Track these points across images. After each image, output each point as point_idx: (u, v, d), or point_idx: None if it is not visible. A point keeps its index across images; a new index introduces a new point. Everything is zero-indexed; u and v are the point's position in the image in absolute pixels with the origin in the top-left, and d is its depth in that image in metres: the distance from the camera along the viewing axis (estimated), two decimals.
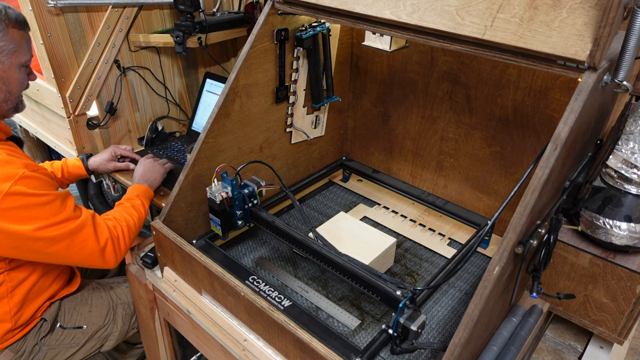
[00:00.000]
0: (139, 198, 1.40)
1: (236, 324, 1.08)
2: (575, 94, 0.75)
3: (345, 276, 1.04)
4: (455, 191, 1.44)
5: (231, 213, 1.18)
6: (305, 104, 1.42)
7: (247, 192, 1.17)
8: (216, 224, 1.19)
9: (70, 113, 1.67)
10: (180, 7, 1.67)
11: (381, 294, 0.97)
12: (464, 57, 1.24)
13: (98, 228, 1.23)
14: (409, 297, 0.90)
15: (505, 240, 0.77)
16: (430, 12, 0.87)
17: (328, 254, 1.05)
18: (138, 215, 1.34)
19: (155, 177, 1.55)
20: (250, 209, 1.20)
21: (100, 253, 1.22)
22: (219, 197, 1.13)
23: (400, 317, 0.89)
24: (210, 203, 1.16)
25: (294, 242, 1.13)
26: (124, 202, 1.39)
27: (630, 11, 0.70)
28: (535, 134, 1.20)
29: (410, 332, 0.88)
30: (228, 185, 1.14)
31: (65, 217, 1.16)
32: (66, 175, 1.60)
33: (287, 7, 1.13)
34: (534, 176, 0.76)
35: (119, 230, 1.27)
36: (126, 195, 1.43)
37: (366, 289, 0.99)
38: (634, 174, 1.08)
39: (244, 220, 1.21)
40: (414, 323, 0.88)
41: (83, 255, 1.21)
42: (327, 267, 1.07)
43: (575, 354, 1.27)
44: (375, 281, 0.97)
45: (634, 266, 1.10)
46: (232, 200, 1.16)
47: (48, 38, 1.52)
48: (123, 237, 1.27)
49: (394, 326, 0.91)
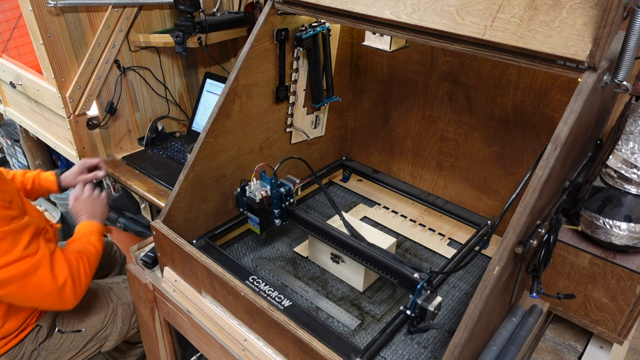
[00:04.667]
0: (93, 235, 1.35)
1: (236, 324, 1.08)
2: (575, 94, 0.75)
3: (368, 263, 1.08)
4: (455, 191, 1.44)
5: (269, 212, 1.19)
6: (305, 104, 1.42)
7: (283, 191, 1.17)
8: (254, 223, 1.19)
9: (70, 113, 1.67)
10: (180, 7, 1.67)
11: (400, 277, 1.02)
12: (464, 57, 1.24)
13: (56, 266, 1.15)
14: (426, 279, 0.95)
15: (505, 240, 0.77)
16: (430, 12, 0.87)
17: (355, 244, 1.09)
18: (95, 252, 1.29)
19: (101, 210, 1.46)
20: (287, 208, 1.20)
21: (57, 294, 1.14)
22: (258, 195, 1.13)
23: (417, 299, 0.94)
24: (249, 202, 1.16)
25: (331, 239, 1.14)
26: (80, 239, 1.33)
27: (630, 11, 0.70)
28: (535, 134, 1.20)
29: (428, 313, 0.93)
30: (267, 184, 1.15)
31: (16, 258, 1.07)
32: (36, 187, 1.53)
33: (287, 7, 1.13)
34: (534, 176, 0.76)
35: (80, 266, 1.20)
36: (78, 232, 1.36)
37: (387, 273, 1.04)
38: (633, 174, 1.08)
39: (280, 219, 1.21)
40: (431, 304, 0.93)
41: (38, 297, 1.13)
42: (358, 259, 1.10)
43: (575, 354, 1.27)
44: (395, 265, 1.02)
45: (633, 266, 1.10)
46: (271, 199, 1.16)
47: (48, 38, 1.52)
48: (85, 273, 1.21)
49: (412, 307, 0.96)
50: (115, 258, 1.83)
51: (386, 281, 1.21)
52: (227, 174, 1.27)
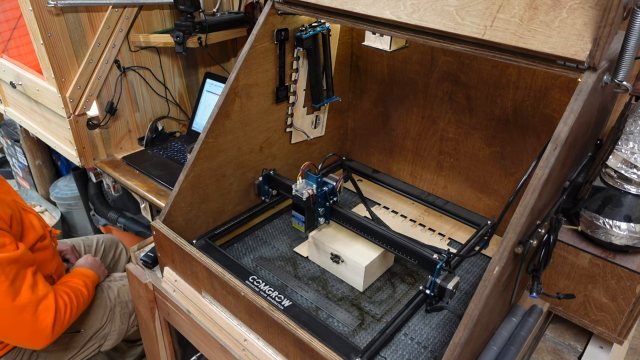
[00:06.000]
0: (89, 279, 1.41)
1: (236, 323, 1.08)
2: (575, 94, 0.75)
3: (389, 246, 1.13)
4: (455, 191, 1.44)
5: (314, 210, 1.20)
6: (305, 104, 1.42)
7: (327, 190, 1.18)
8: (299, 221, 1.20)
9: (71, 113, 1.67)
10: (180, 7, 1.67)
11: (420, 258, 1.06)
12: (464, 57, 1.24)
13: (41, 314, 1.16)
14: (445, 259, 1.01)
15: (505, 240, 0.77)
16: (430, 12, 0.87)
17: (396, 238, 1.12)
18: (83, 299, 1.33)
19: (101, 271, 1.56)
20: (331, 206, 1.21)
21: (32, 337, 1.17)
22: (305, 194, 1.14)
23: (437, 278, 1.01)
24: (295, 200, 1.17)
25: (376, 237, 1.15)
26: (78, 276, 1.38)
27: (630, 11, 0.70)
28: (535, 134, 1.20)
29: (446, 291, 1.00)
30: (313, 183, 1.16)
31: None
32: None
33: (287, 7, 1.13)
34: (534, 176, 0.76)
35: (67, 314, 1.23)
36: (79, 270, 1.42)
37: (407, 255, 1.09)
38: (633, 174, 1.09)
39: (324, 217, 1.22)
40: (449, 283, 1.00)
41: (9, 336, 1.17)
42: (392, 249, 1.14)
43: (575, 353, 1.27)
44: (414, 247, 1.08)
45: (633, 266, 1.10)
46: (316, 197, 1.17)
47: (48, 38, 1.52)
48: (68, 322, 1.24)
49: (431, 287, 1.03)
50: (121, 258, 1.83)
51: (386, 281, 1.21)
52: (227, 174, 1.27)
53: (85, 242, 1.74)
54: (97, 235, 1.81)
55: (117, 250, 1.82)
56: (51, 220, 2.52)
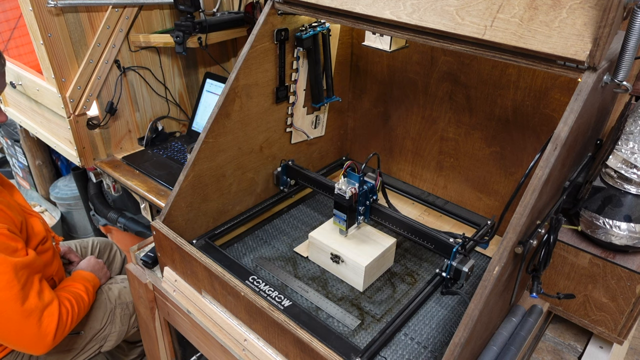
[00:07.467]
0: (90, 284, 1.41)
1: (236, 323, 1.08)
2: (575, 94, 0.75)
3: (410, 234, 1.16)
4: (455, 191, 1.44)
5: (355, 209, 1.19)
6: (305, 104, 1.42)
7: (367, 188, 1.18)
8: (341, 220, 1.20)
9: (71, 113, 1.67)
10: (180, 7, 1.67)
11: (436, 243, 1.10)
12: (464, 57, 1.24)
13: (45, 320, 1.17)
14: (460, 243, 1.05)
15: (505, 240, 0.77)
16: (430, 12, 0.87)
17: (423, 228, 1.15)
18: (84, 305, 1.34)
19: (103, 274, 1.55)
20: (371, 205, 1.21)
21: (34, 343, 1.17)
22: (348, 192, 1.13)
23: (453, 261, 1.05)
24: (337, 199, 1.16)
25: (418, 235, 1.15)
26: (79, 280, 1.38)
27: (630, 11, 0.70)
28: (535, 134, 1.20)
29: (462, 273, 1.04)
30: (355, 182, 1.15)
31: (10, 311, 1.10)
32: None
33: (287, 7, 1.13)
34: (534, 176, 0.76)
35: (68, 321, 1.23)
36: (80, 274, 1.42)
37: (425, 240, 1.13)
38: (633, 174, 1.09)
39: (364, 215, 1.22)
40: (465, 266, 1.04)
41: (13, 342, 1.17)
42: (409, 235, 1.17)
43: (575, 353, 1.27)
44: (431, 232, 1.12)
45: (633, 266, 1.10)
46: (358, 197, 1.16)
47: (48, 38, 1.52)
48: (69, 327, 1.24)
49: (447, 270, 1.07)
50: (115, 260, 1.83)
51: (386, 281, 1.21)
52: (227, 174, 1.27)
53: (80, 244, 1.74)
54: (91, 238, 1.81)
55: (112, 252, 1.82)
56: (51, 220, 2.52)
